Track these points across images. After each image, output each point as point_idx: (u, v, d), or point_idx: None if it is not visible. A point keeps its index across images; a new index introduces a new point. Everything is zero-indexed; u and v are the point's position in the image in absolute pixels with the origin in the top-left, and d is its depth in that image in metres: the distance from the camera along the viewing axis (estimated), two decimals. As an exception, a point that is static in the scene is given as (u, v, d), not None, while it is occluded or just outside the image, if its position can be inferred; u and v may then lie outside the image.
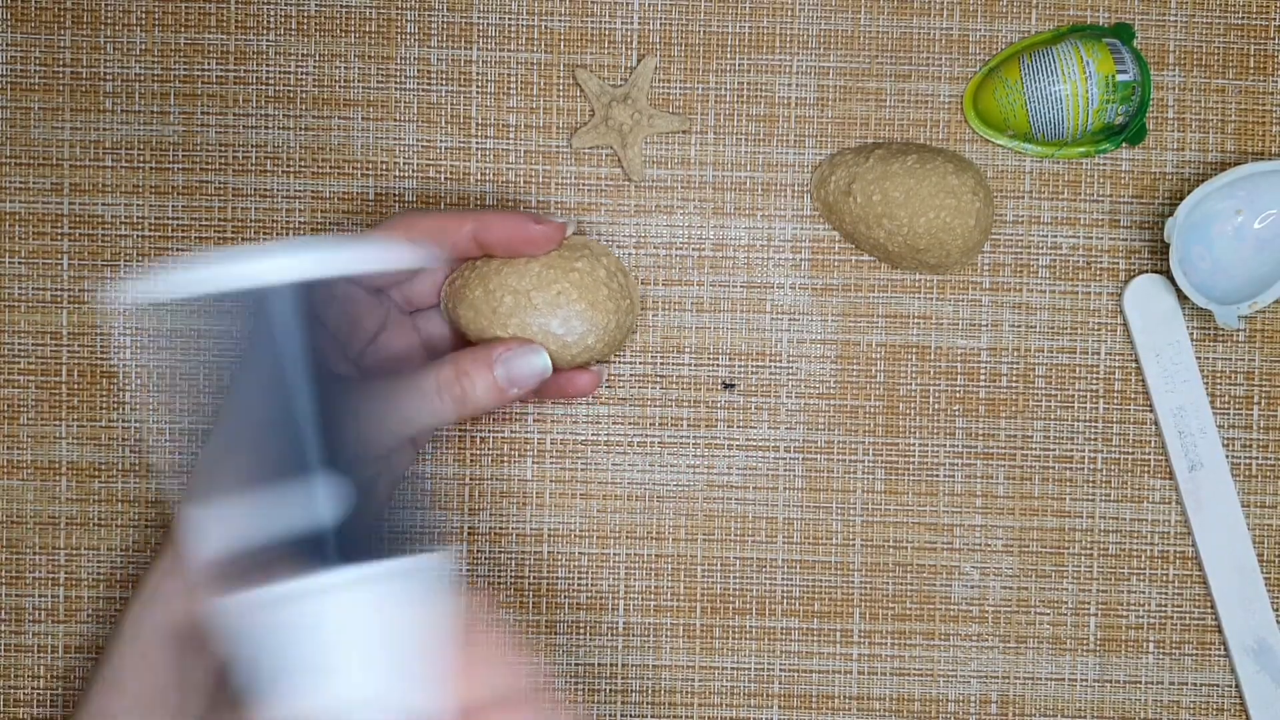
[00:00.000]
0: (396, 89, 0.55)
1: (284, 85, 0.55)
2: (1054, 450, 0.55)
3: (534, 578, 0.55)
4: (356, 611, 0.34)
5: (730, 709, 0.55)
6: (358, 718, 0.34)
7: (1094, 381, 0.55)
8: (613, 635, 0.55)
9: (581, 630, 0.55)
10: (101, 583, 0.55)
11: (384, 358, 0.49)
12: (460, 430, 0.55)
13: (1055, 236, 0.55)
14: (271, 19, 0.55)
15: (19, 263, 0.55)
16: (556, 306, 0.49)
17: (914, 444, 0.55)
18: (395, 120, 0.55)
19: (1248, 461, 0.55)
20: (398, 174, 0.55)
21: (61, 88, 0.55)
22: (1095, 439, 0.55)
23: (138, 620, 0.44)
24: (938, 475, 0.55)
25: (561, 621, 0.55)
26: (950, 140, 0.55)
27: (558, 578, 0.55)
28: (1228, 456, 0.55)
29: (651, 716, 0.55)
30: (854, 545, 0.55)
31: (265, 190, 0.55)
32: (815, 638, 0.55)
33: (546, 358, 0.48)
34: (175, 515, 0.45)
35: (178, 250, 0.55)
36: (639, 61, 0.55)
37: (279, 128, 0.55)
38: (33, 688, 0.55)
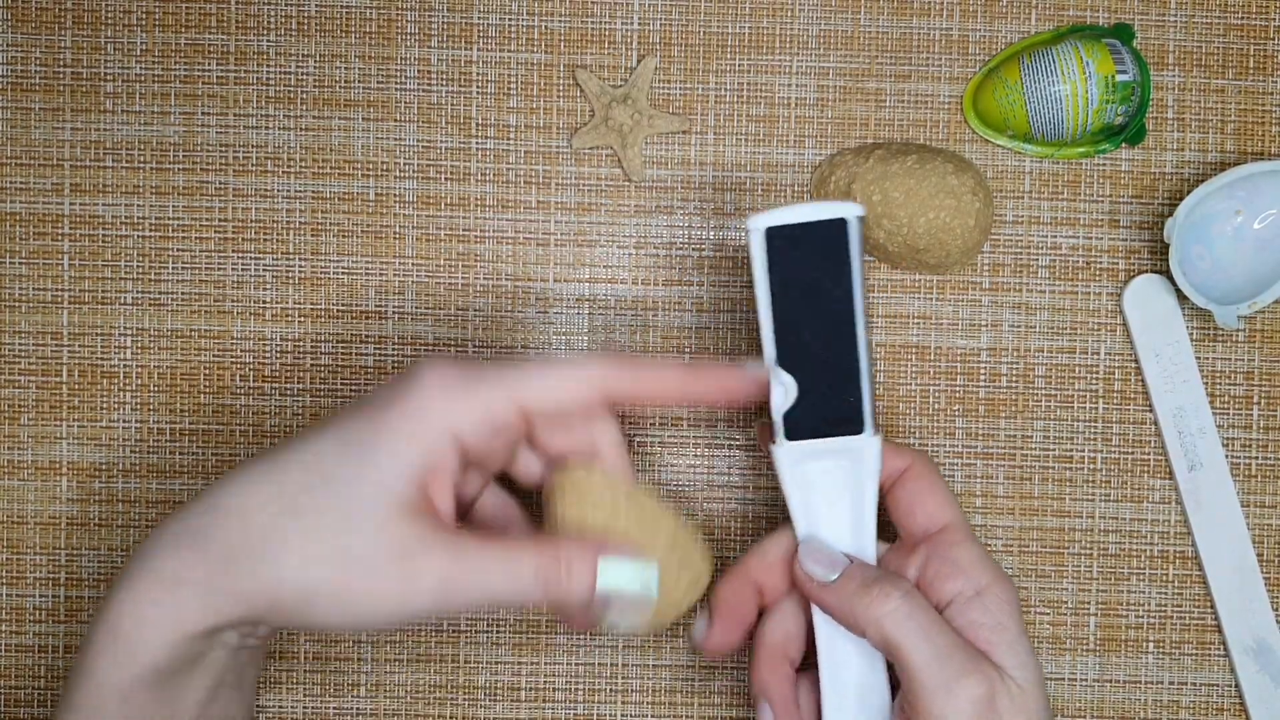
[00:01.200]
0: (397, 89, 0.55)
1: (284, 85, 0.55)
2: (1054, 450, 0.55)
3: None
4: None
5: (730, 710, 0.55)
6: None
7: (1094, 381, 0.55)
8: (613, 635, 0.55)
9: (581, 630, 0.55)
10: (102, 583, 0.55)
11: (486, 512, 0.45)
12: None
13: (1055, 237, 0.55)
14: (272, 19, 0.55)
15: (19, 263, 0.55)
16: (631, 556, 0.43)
17: (914, 443, 0.55)
18: (395, 120, 0.55)
19: (1247, 461, 0.55)
20: (398, 174, 0.55)
21: (62, 88, 0.55)
22: (1095, 439, 0.55)
23: (113, 665, 0.41)
24: (938, 475, 0.55)
25: (561, 621, 0.55)
26: (950, 140, 0.55)
27: (558, 578, 0.55)
28: (1227, 456, 0.55)
29: (651, 717, 0.55)
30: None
31: (265, 190, 0.55)
32: (815, 637, 0.55)
33: (655, 587, 0.42)
34: (165, 548, 0.41)
35: (178, 250, 0.55)
36: (639, 62, 0.55)
37: (279, 128, 0.55)
38: (33, 688, 0.55)
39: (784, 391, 0.43)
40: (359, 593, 0.40)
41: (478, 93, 0.55)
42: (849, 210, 0.42)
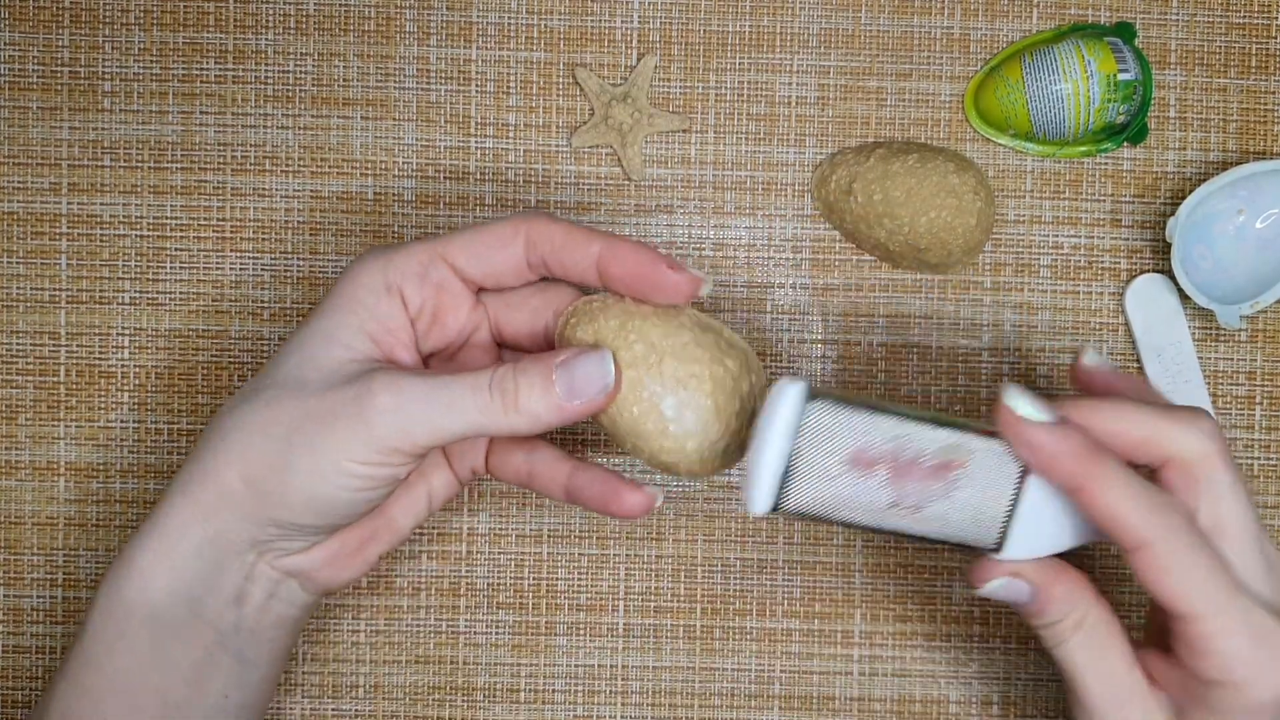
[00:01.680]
0: (395, 88, 0.55)
1: (283, 84, 0.55)
2: (1055, 450, 0.55)
3: (534, 578, 0.55)
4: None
5: (730, 710, 0.55)
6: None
7: (1095, 381, 0.55)
8: (613, 636, 0.55)
9: (581, 630, 0.55)
10: (100, 584, 0.54)
11: (456, 371, 0.45)
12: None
13: (1057, 236, 0.55)
14: (270, 18, 0.55)
15: (17, 262, 0.54)
16: (681, 387, 0.42)
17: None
18: (394, 119, 0.55)
19: (1249, 462, 0.55)
20: (397, 173, 0.55)
21: (60, 87, 0.54)
22: (1097, 439, 0.55)
23: (113, 593, 0.43)
24: (939, 475, 0.55)
25: (561, 622, 0.55)
26: (951, 139, 0.55)
27: (558, 578, 0.55)
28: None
29: (651, 717, 0.55)
30: (855, 546, 0.55)
31: (264, 190, 0.55)
32: (816, 639, 0.55)
33: (612, 369, 0.41)
34: (174, 478, 0.44)
35: (176, 250, 0.55)
36: (639, 60, 0.55)
37: (278, 127, 0.55)
38: (31, 689, 0.54)
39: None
40: (319, 429, 0.41)
41: (477, 91, 0.55)
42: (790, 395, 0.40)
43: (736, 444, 0.43)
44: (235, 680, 0.45)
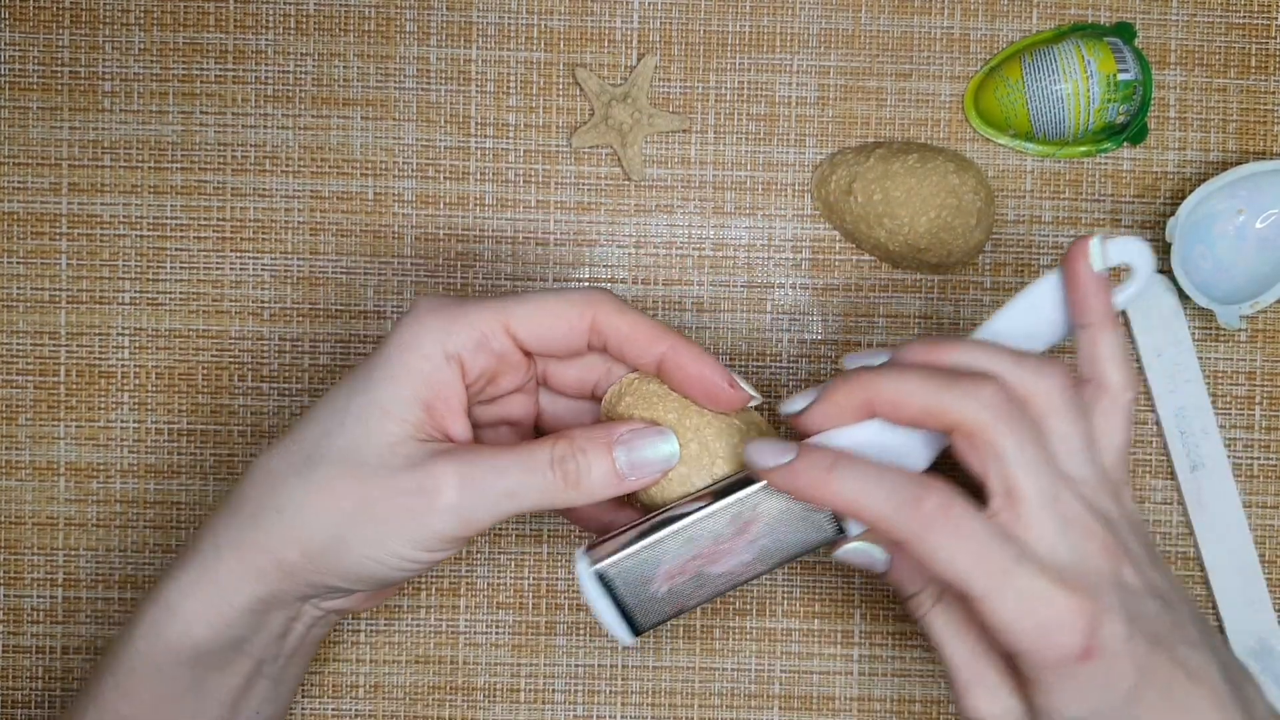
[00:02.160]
0: (395, 88, 0.55)
1: (283, 84, 0.55)
2: (1055, 450, 0.55)
3: (534, 578, 0.55)
4: None
5: (730, 710, 0.55)
6: None
7: (1095, 381, 0.55)
8: (606, 632, 0.55)
9: (581, 630, 0.55)
10: (100, 583, 0.55)
11: (499, 419, 0.45)
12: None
13: (1056, 236, 0.55)
14: (270, 18, 0.55)
15: (17, 262, 0.54)
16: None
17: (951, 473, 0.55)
18: (394, 119, 0.55)
19: (1249, 462, 0.55)
20: (397, 173, 0.55)
21: (60, 87, 0.54)
22: (1096, 439, 0.55)
23: (153, 634, 0.43)
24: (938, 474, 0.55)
25: (561, 622, 0.55)
26: (951, 139, 0.55)
27: (558, 578, 0.55)
28: (1229, 457, 0.55)
29: (651, 717, 0.55)
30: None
31: (264, 190, 0.55)
32: (816, 638, 0.55)
33: (676, 446, 0.43)
34: (211, 532, 0.43)
35: (176, 250, 0.55)
36: (639, 60, 0.55)
37: (278, 127, 0.55)
38: (31, 689, 0.54)
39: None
40: (382, 517, 0.41)
41: (477, 91, 0.55)
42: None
43: None
44: (268, 699, 0.46)
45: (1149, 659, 0.39)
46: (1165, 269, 0.55)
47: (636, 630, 0.43)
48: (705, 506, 0.42)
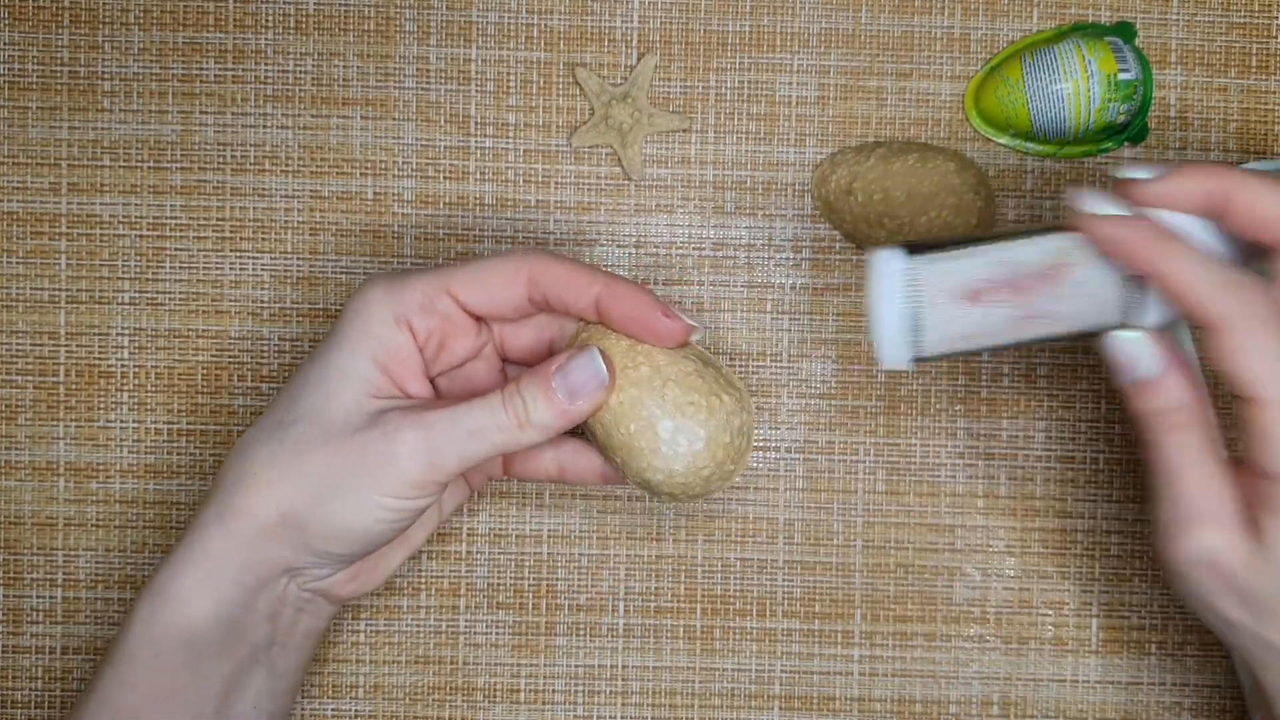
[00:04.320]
0: (395, 88, 0.55)
1: (282, 84, 0.55)
2: (1056, 450, 0.55)
3: (534, 578, 0.55)
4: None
5: (730, 710, 0.55)
6: None
7: (1096, 381, 0.55)
8: (613, 636, 0.55)
9: (581, 631, 0.55)
10: (99, 584, 0.55)
11: (466, 391, 0.47)
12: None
13: (1057, 236, 0.55)
14: (270, 17, 0.55)
15: (17, 262, 0.54)
16: (679, 412, 0.44)
17: (915, 444, 0.55)
18: (394, 119, 0.55)
19: (1250, 462, 0.55)
20: (396, 173, 0.55)
21: (59, 87, 0.54)
22: (1097, 439, 0.55)
23: (149, 620, 0.44)
24: (939, 476, 0.55)
25: (561, 622, 0.55)
26: (952, 139, 0.55)
27: (557, 578, 0.55)
28: (1229, 457, 0.55)
29: (651, 717, 0.55)
30: (855, 546, 0.55)
31: (263, 189, 0.55)
32: (816, 639, 0.55)
33: (602, 362, 0.44)
34: (198, 513, 0.45)
35: (176, 250, 0.55)
36: (639, 60, 0.54)
37: (277, 126, 0.55)
38: (30, 689, 0.54)
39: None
40: (353, 470, 0.43)
41: (476, 91, 0.55)
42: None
43: (719, 475, 0.45)
44: (265, 690, 0.46)
45: None
46: (1166, 269, 0.55)
47: (917, 355, 0.42)
48: (1030, 232, 0.42)
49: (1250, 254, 0.43)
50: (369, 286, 0.45)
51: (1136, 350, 0.43)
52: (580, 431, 0.47)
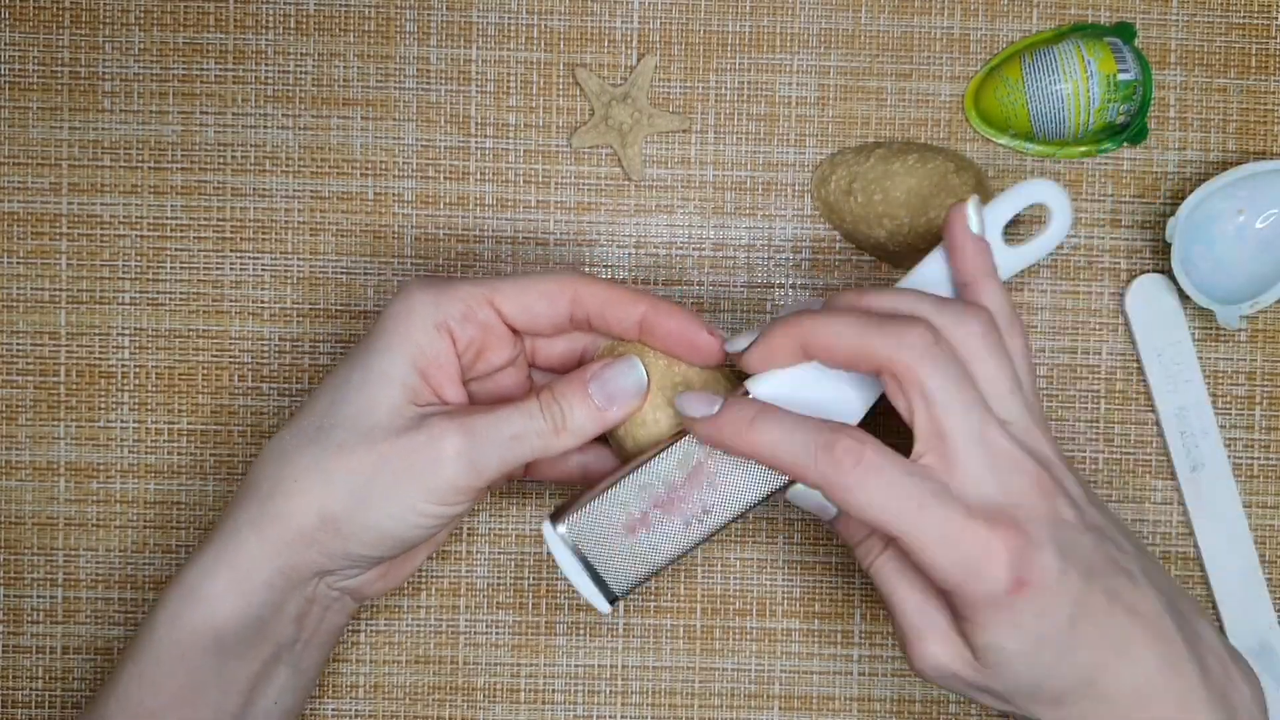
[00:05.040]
0: (395, 88, 0.55)
1: (283, 84, 0.55)
2: (1055, 450, 0.55)
3: (534, 578, 0.55)
4: None
5: (730, 710, 0.55)
6: None
7: (1095, 381, 0.55)
8: (613, 636, 0.55)
9: (581, 630, 0.55)
10: (100, 583, 0.55)
11: (494, 393, 0.48)
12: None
13: (1056, 236, 0.55)
14: (270, 18, 0.55)
15: (17, 262, 0.54)
16: None
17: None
18: (394, 119, 0.55)
19: (1249, 462, 0.55)
20: (397, 173, 0.55)
21: (60, 87, 0.54)
22: (1096, 439, 0.55)
23: (176, 619, 0.44)
24: (939, 475, 0.55)
25: (561, 622, 0.55)
26: (951, 139, 0.55)
27: (557, 578, 0.55)
28: (1229, 457, 0.55)
29: (651, 717, 0.55)
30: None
31: (264, 190, 0.55)
32: (816, 639, 0.55)
33: (642, 370, 0.45)
34: (230, 515, 0.45)
35: (176, 250, 0.55)
36: (639, 60, 0.55)
37: (278, 127, 0.55)
38: (31, 689, 0.54)
39: None
40: (397, 474, 0.43)
41: (477, 91, 0.55)
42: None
43: None
44: (288, 687, 0.47)
45: (1084, 592, 0.40)
46: (1165, 269, 0.55)
47: (612, 596, 0.45)
48: (656, 453, 0.44)
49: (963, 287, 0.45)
50: (412, 290, 0.45)
51: (808, 502, 0.45)
52: (602, 436, 0.47)
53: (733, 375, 0.47)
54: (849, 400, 0.44)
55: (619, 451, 0.47)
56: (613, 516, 0.44)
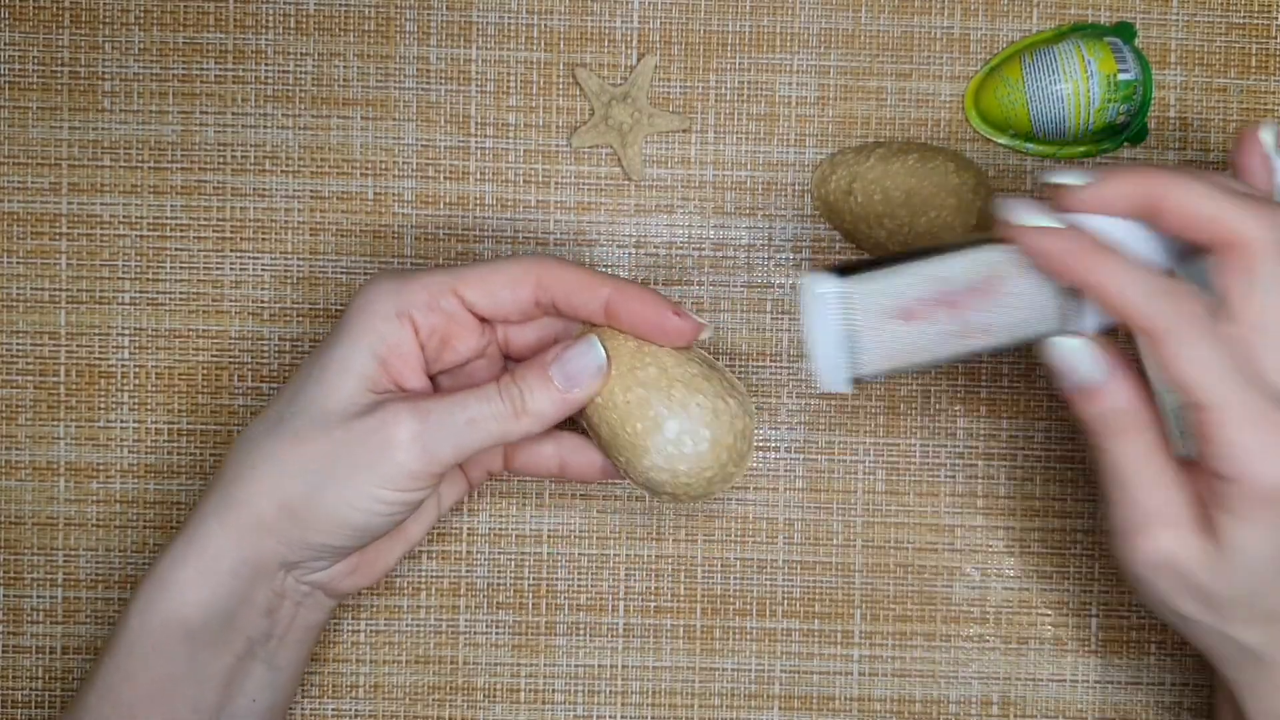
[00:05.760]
0: (395, 88, 0.55)
1: (282, 84, 0.55)
2: (1055, 450, 0.55)
3: (534, 578, 0.55)
4: None
5: (730, 710, 0.55)
6: None
7: (1095, 381, 0.55)
8: (613, 636, 0.55)
9: (581, 631, 0.55)
10: (100, 583, 0.55)
11: (466, 385, 0.47)
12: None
13: (1057, 236, 0.55)
14: (270, 18, 0.55)
15: (17, 262, 0.54)
16: (685, 413, 0.44)
17: (915, 444, 0.55)
18: (394, 119, 0.55)
19: (1250, 462, 0.55)
20: (396, 173, 0.55)
21: (60, 87, 0.54)
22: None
23: (148, 609, 0.45)
24: (939, 475, 0.55)
25: (561, 622, 0.55)
26: (951, 139, 0.55)
27: (557, 578, 0.55)
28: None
29: (651, 717, 0.55)
30: (855, 546, 0.55)
31: (264, 190, 0.55)
32: (816, 639, 0.55)
33: (601, 350, 0.44)
34: (199, 505, 0.45)
35: (176, 250, 0.55)
36: (639, 60, 0.55)
37: (277, 127, 0.55)
38: (31, 689, 0.54)
39: None
40: (350, 460, 0.43)
41: (477, 91, 0.55)
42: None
43: (721, 477, 0.45)
44: (264, 684, 0.47)
45: None
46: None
47: (858, 376, 0.42)
48: (960, 246, 0.42)
49: (1186, 253, 0.43)
50: (374, 282, 0.45)
51: (1077, 357, 0.42)
52: (581, 428, 0.47)
53: (710, 357, 0.46)
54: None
55: (596, 440, 0.47)
56: (897, 294, 0.42)
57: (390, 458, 0.43)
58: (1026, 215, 0.41)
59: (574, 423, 0.47)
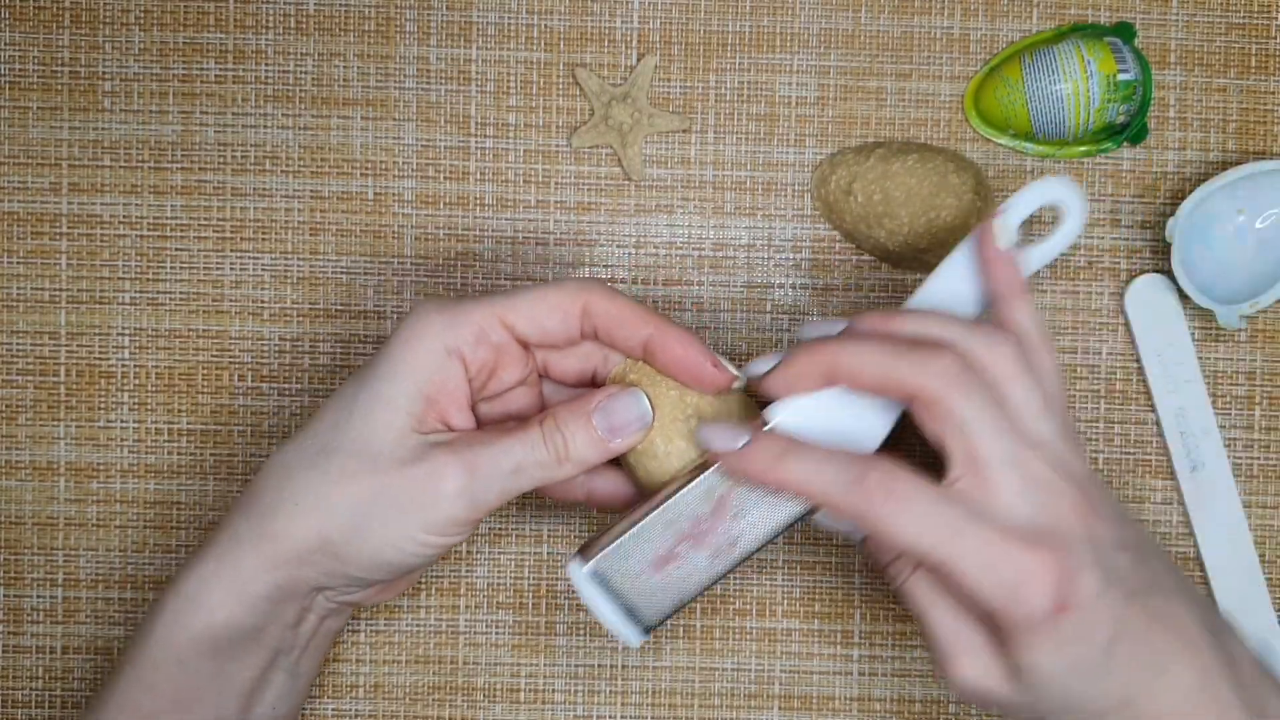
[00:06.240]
0: (395, 88, 0.55)
1: (283, 84, 0.55)
2: (1055, 450, 0.55)
3: (534, 578, 0.55)
4: None
5: (730, 710, 0.55)
6: None
7: (1095, 381, 0.55)
8: (612, 636, 0.55)
9: (581, 630, 0.55)
10: (100, 583, 0.55)
11: (504, 414, 0.47)
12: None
13: (1056, 236, 0.55)
14: (270, 18, 0.55)
15: (17, 262, 0.54)
16: None
17: (914, 444, 0.55)
18: (394, 119, 0.55)
19: (1249, 462, 0.55)
20: (396, 173, 0.55)
21: (60, 87, 0.54)
22: (1096, 439, 0.55)
23: (174, 624, 0.44)
24: (938, 475, 0.55)
25: (561, 622, 0.55)
26: (951, 139, 0.55)
27: (557, 578, 0.55)
28: (1229, 457, 0.55)
29: (651, 717, 0.55)
30: (855, 545, 0.55)
31: (264, 189, 0.55)
32: (816, 638, 0.55)
33: (646, 403, 0.45)
34: (230, 524, 0.45)
35: (176, 250, 0.55)
36: (639, 60, 0.55)
37: (278, 127, 0.55)
38: (31, 689, 0.54)
39: None
40: (396, 504, 0.43)
41: (477, 91, 0.55)
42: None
43: None
44: (285, 692, 0.47)
45: (1125, 611, 0.40)
46: (1165, 269, 0.55)
47: (644, 629, 0.44)
48: (679, 487, 0.44)
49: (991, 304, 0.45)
50: (423, 313, 0.44)
51: (840, 523, 0.45)
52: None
53: (747, 400, 0.46)
54: (872, 424, 0.44)
55: (631, 479, 0.47)
56: (640, 553, 0.44)
57: (438, 506, 0.43)
58: (720, 438, 0.42)
59: None
